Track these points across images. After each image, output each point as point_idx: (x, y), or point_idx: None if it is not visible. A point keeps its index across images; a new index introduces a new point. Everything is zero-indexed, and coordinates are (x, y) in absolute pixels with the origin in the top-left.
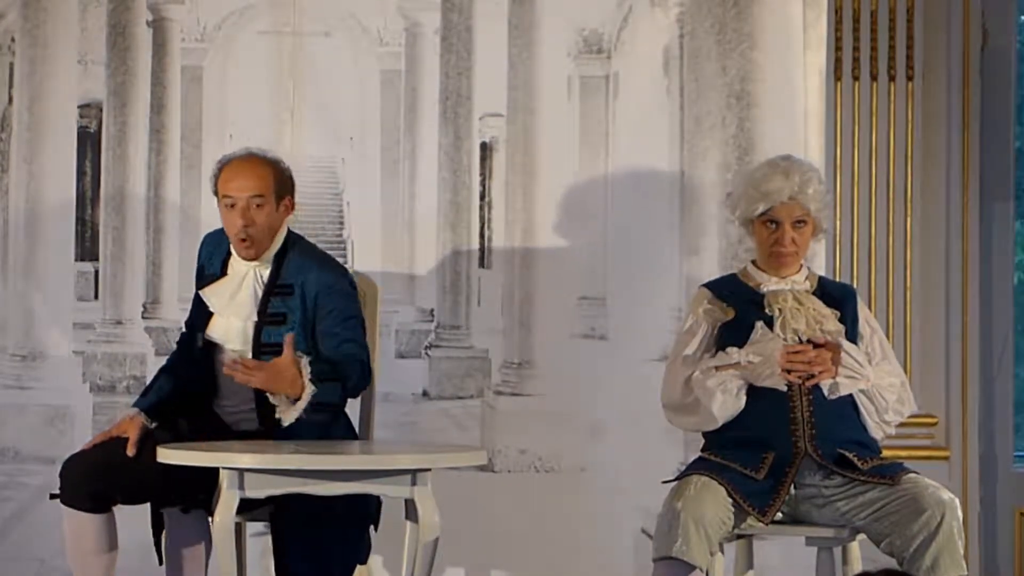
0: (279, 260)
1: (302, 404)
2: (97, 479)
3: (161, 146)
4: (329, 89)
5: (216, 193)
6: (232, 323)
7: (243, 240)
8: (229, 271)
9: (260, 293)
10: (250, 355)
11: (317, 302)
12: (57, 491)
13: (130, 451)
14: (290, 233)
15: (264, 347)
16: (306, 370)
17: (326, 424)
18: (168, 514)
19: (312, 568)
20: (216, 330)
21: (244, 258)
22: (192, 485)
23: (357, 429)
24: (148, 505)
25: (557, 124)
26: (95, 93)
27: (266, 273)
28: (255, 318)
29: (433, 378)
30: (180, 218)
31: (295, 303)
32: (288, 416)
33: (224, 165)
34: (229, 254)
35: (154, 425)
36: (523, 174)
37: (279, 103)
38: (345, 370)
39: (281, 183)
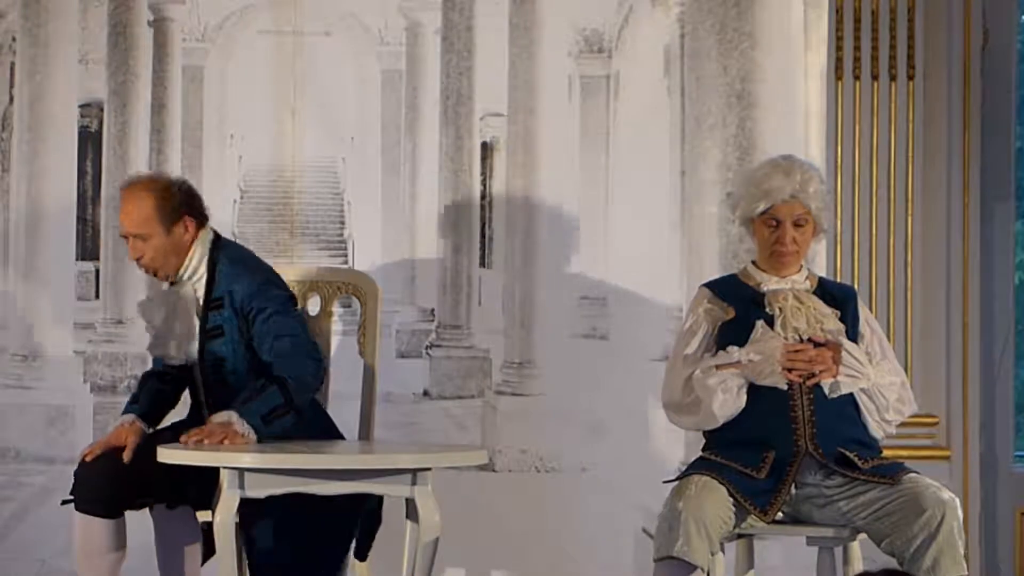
0: (212, 272)
1: (252, 439)
2: (111, 486)
3: (162, 146)
4: (330, 89)
5: None
6: (171, 341)
7: (144, 269)
8: (164, 293)
9: (198, 308)
10: (198, 368)
11: (244, 311)
12: (69, 496)
13: (126, 457)
14: (217, 242)
15: (207, 359)
16: (239, 423)
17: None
18: (156, 513)
19: (281, 557)
20: (156, 348)
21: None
22: (182, 483)
23: (357, 429)
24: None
25: (558, 124)
26: (96, 93)
27: (201, 287)
28: (195, 333)
29: (434, 378)
30: None
31: (227, 314)
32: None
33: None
34: None
35: (151, 430)
36: (524, 174)
37: (280, 103)
38: (282, 367)
39: (168, 208)
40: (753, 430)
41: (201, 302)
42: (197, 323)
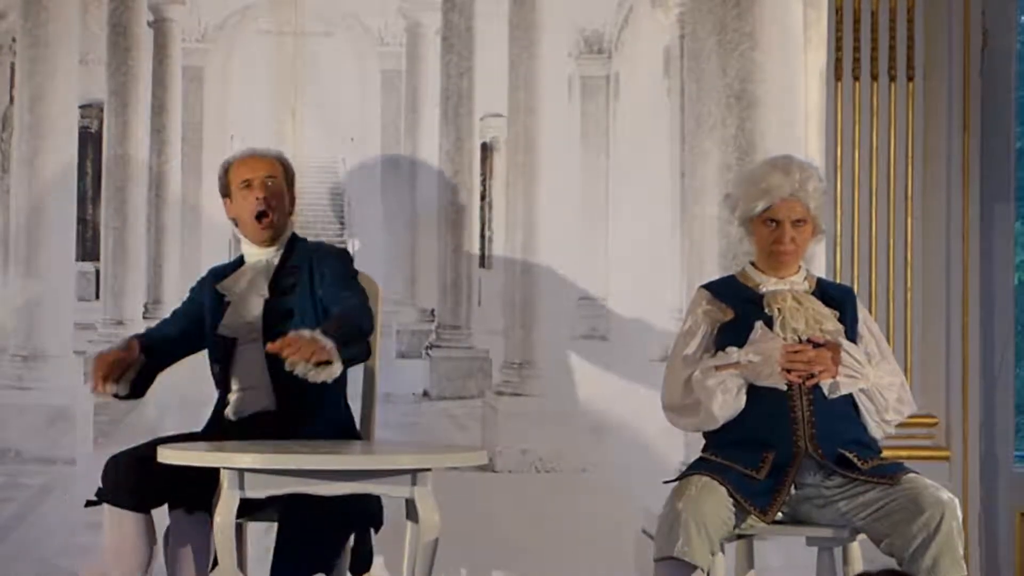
0: (289, 250)
1: (336, 367)
2: (141, 479)
3: (162, 146)
4: (330, 89)
5: (227, 191)
6: (250, 301)
7: (262, 216)
8: (242, 270)
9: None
10: (261, 326)
11: (314, 273)
12: (94, 497)
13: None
14: (295, 233)
15: (273, 317)
16: (323, 338)
17: (335, 421)
18: (173, 515)
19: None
20: (231, 316)
21: (261, 240)
22: (202, 487)
23: (358, 429)
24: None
25: (558, 124)
26: (96, 93)
27: (275, 262)
28: (266, 294)
29: (434, 378)
30: (181, 218)
31: (303, 277)
32: (324, 375)
33: (231, 162)
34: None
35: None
36: (524, 174)
37: (280, 103)
38: (355, 321)
39: (288, 173)
40: (753, 431)
41: (273, 272)
42: (266, 290)
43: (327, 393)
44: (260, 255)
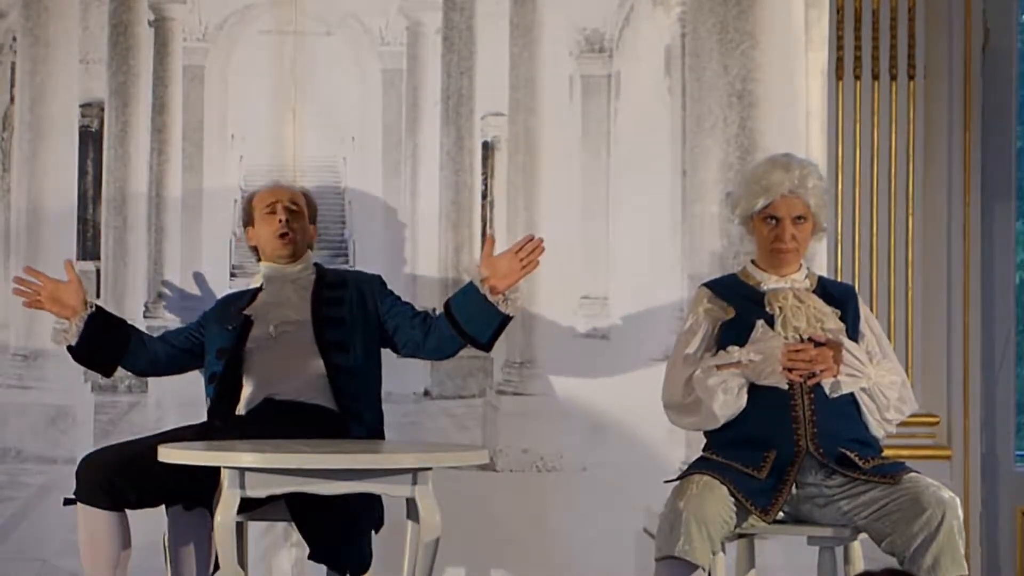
0: (321, 270)
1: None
2: (113, 474)
3: (163, 145)
4: (331, 88)
5: (250, 219)
6: (283, 309)
7: (283, 236)
8: (261, 291)
9: (308, 296)
10: (317, 349)
11: (366, 297)
12: (72, 495)
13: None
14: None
15: (328, 344)
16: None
17: (378, 426)
18: (171, 513)
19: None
20: (259, 327)
21: (282, 255)
22: (198, 483)
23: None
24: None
25: (559, 123)
26: (97, 92)
27: (308, 277)
28: (310, 316)
29: (435, 378)
30: (182, 218)
31: (350, 294)
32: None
33: (256, 192)
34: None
35: (93, 308)
36: (525, 173)
37: (281, 103)
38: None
39: (311, 206)
40: (754, 430)
41: (312, 288)
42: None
43: (368, 393)
44: (283, 270)
